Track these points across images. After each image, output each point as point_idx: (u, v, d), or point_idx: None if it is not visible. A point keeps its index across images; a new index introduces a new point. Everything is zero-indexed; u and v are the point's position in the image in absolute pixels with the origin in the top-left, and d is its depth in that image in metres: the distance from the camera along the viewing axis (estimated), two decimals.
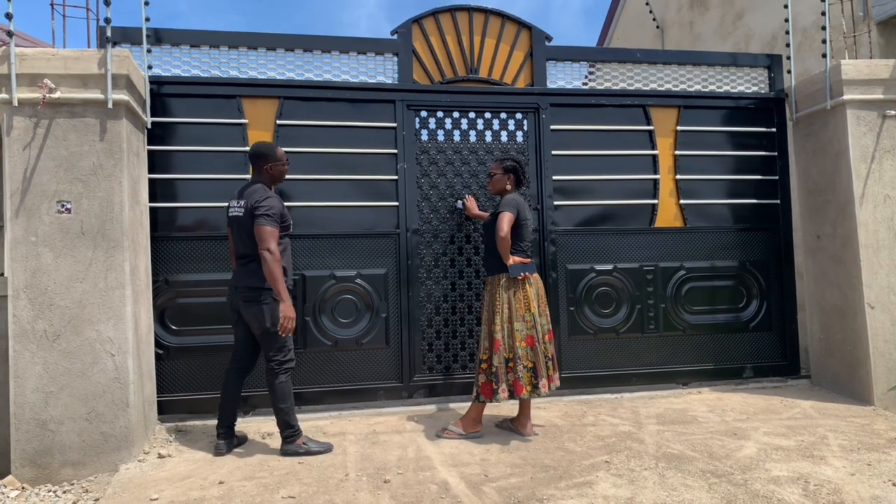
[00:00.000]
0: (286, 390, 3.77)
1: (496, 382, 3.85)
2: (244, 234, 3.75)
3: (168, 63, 4.57)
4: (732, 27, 7.89)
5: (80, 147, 3.69)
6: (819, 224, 5.07)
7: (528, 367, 3.89)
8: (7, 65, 3.59)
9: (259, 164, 3.89)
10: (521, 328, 3.89)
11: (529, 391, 3.87)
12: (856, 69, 4.72)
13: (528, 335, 3.89)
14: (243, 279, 3.76)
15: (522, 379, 3.84)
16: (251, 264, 3.74)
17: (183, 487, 3.30)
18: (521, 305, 3.91)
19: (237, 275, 3.83)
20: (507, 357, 3.87)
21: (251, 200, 3.72)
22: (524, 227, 4.01)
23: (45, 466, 3.55)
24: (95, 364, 3.64)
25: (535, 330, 3.89)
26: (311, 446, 3.79)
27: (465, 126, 5.03)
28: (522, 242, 4.02)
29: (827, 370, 5.04)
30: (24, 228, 3.61)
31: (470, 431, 3.99)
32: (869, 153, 4.69)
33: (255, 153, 3.91)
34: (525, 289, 3.92)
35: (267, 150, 3.91)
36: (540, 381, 3.88)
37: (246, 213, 3.72)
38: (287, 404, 3.77)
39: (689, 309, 5.25)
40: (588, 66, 5.32)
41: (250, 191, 3.80)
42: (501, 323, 3.88)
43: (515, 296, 3.91)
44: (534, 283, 4.00)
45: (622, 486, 3.21)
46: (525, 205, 4.07)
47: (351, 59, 4.87)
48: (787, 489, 3.15)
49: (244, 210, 3.74)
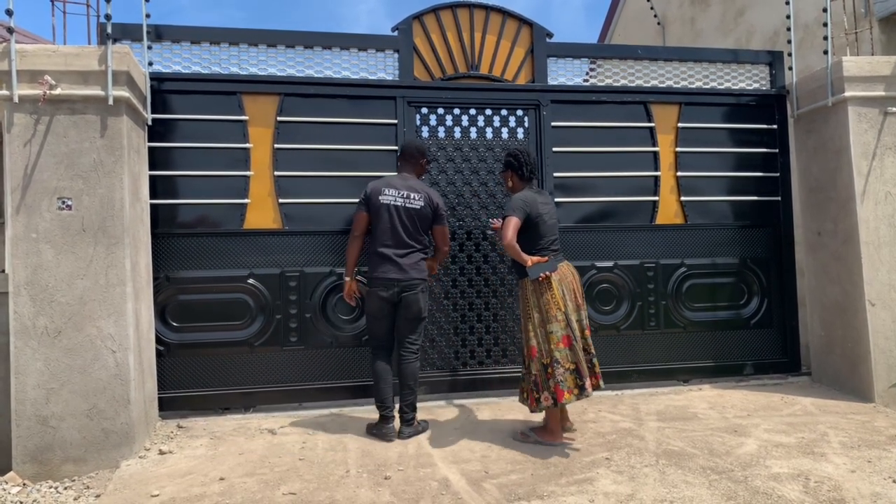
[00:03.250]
0: (418, 372, 4.10)
1: (536, 391, 3.70)
2: (421, 225, 4.01)
3: (168, 59, 4.57)
4: (734, 24, 7.88)
5: (80, 144, 3.69)
6: (820, 221, 5.06)
7: (570, 370, 3.65)
8: (8, 61, 3.58)
9: (417, 160, 4.15)
10: (556, 329, 3.67)
11: (576, 395, 3.64)
12: (857, 66, 4.70)
13: (563, 335, 3.67)
14: (412, 273, 3.95)
15: (564, 383, 3.62)
16: (415, 255, 3.99)
17: (184, 484, 3.30)
18: (551, 306, 3.70)
19: (402, 269, 3.93)
20: (546, 363, 3.69)
21: (434, 196, 4.06)
22: (540, 224, 3.78)
23: (47, 463, 3.56)
24: (96, 361, 3.64)
25: (570, 328, 3.70)
26: (423, 425, 4.08)
27: (465, 123, 5.02)
28: (542, 240, 3.80)
29: (827, 367, 5.04)
30: (24, 225, 3.61)
31: (547, 440, 3.79)
32: (870, 150, 4.68)
33: (417, 149, 4.17)
34: (552, 288, 3.71)
35: (425, 147, 4.25)
36: (586, 381, 3.63)
37: (427, 207, 4.01)
38: (417, 386, 4.07)
39: (690, 306, 5.25)
40: (589, 63, 5.31)
41: (422, 185, 4.09)
42: (534, 328, 3.73)
43: (543, 297, 3.71)
44: (561, 279, 3.75)
45: (623, 483, 3.22)
46: (536, 200, 3.81)
47: (352, 55, 4.86)
48: (787, 486, 3.15)
49: (424, 202, 4.00)
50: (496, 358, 4.98)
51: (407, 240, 3.96)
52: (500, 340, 4.99)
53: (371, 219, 4.01)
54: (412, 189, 4.01)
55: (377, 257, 3.98)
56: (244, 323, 4.59)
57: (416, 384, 4.07)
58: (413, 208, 3.97)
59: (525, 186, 3.93)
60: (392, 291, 3.93)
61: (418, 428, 4.03)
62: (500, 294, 5.00)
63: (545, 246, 3.81)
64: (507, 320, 5.00)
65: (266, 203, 4.66)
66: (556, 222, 3.94)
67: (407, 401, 4.02)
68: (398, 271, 3.93)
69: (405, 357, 4.03)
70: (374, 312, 4.01)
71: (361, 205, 4.03)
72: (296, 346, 4.66)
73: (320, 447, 3.82)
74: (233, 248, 4.59)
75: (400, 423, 4.01)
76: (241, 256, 4.60)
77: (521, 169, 3.93)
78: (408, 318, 4.01)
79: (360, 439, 3.95)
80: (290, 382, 4.63)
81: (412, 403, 4.03)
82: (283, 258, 4.66)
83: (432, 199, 4.05)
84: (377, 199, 3.97)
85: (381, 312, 3.99)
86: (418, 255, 4.01)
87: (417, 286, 3.97)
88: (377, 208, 3.97)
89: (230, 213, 4.61)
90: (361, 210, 4.02)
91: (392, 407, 3.99)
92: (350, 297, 4.14)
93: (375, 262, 3.99)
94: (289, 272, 4.66)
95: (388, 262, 3.94)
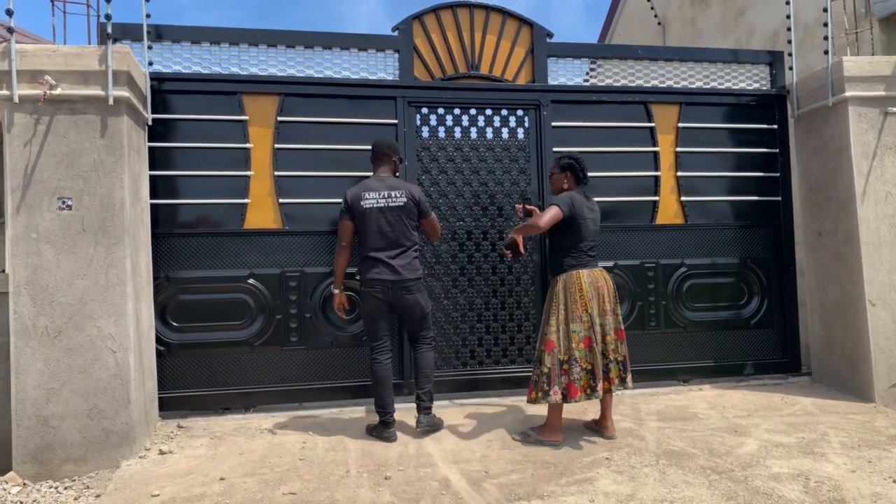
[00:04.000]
0: (434, 362, 4.15)
1: (548, 384, 3.72)
2: (408, 222, 3.98)
3: (169, 59, 4.57)
4: (734, 24, 7.88)
5: (80, 144, 3.69)
6: (820, 221, 5.06)
7: (586, 370, 3.71)
8: (8, 61, 3.58)
9: (389, 157, 4.12)
10: (579, 329, 3.71)
11: (588, 394, 3.70)
12: (857, 66, 4.70)
13: (585, 336, 3.72)
14: (407, 272, 3.95)
15: (578, 382, 3.68)
16: (407, 255, 3.97)
17: (184, 484, 3.30)
18: (577, 306, 3.74)
19: (395, 270, 3.92)
20: (562, 359, 3.72)
21: (414, 191, 4.05)
22: (582, 227, 3.80)
23: (47, 463, 3.56)
24: (97, 360, 3.64)
25: (593, 331, 3.73)
26: (439, 420, 4.11)
27: (465, 123, 5.02)
28: (582, 243, 3.82)
29: (828, 367, 5.04)
30: (25, 225, 3.61)
31: (548, 439, 3.82)
32: (870, 150, 4.68)
33: (388, 146, 4.15)
34: (582, 289, 3.74)
35: (395, 144, 4.27)
36: (598, 384, 3.69)
37: (409, 202, 3.98)
38: (433, 374, 4.11)
39: (690, 306, 5.25)
40: (589, 63, 5.31)
41: (400, 182, 4.10)
42: (557, 324, 3.75)
43: (572, 297, 3.75)
44: (592, 282, 3.78)
45: (623, 483, 3.22)
46: (583, 203, 3.85)
47: (352, 55, 4.86)
48: (787, 486, 3.15)
49: (406, 199, 3.97)
50: (496, 358, 4.98)
51: (396, 240, 3.94)
52: (499, 340, 4.99)
53: (356, 225, 3.99)
54: (391, 187, 3.98)
55: (370, 261, 3.96)
56: (244, 323, 4.59)
57: (433, 373, 4.10)
58: (396, 206, 3.95)
59: (577, 189, 3.99)
60: (388, 293, 3.93)
61: (434, 419, 4.04)
62: (500, 294, 4.99)
63: (584, 249, 3.85)
64: (507, 320, 5.00)
65: (266, 203, 4.66)
66: (597, 229, 3.95)
67: (424, 388, 4.03)
68: (391, 273, 3.92)
69: (420, 347, 4.08)
70: (371, 313, 4.00)
71: (344, 213, 3.99)
72: (296, 346, 4.66)
73: (320, 447, 3.82)
74: (233, 248, 4.59)
75: (418, 413, 4.03)
76: (241, 256, 4.60)
77: (581, 172, 4.00)
78: (413, 319, 4.05)
79: (360, 439, 3.95)
80: (291, 382, 4.63)
81: (429, 392, 4.05)
82: (284, 258, 4.66)
83: (413, 193, 4.02)
84: (359, 204, 3.94)
85: (377, 312, 3.98)
86: (410, 253, 3.99)
87: (412, 287, 3.97)
88: (360, 214, 3.94)
89: (230, 213, 4.61)
90: (345, 219, 3.99)
91: (393, 412, 3.98)
92: (340, 309, 4.13)
93: (368, 265, 3.96)
94: (289, 272, 4.66)
95: (381, 265, 3.92)
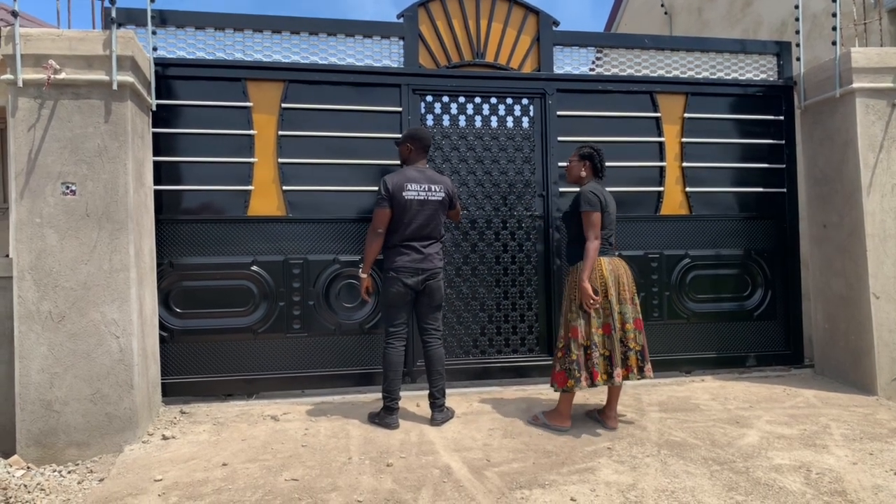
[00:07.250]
0: (444, 357, 4.16)
1: (578, 370, 3.75)
2: (442, 216, 4.08)
3: (173, 45, 4.55)
4: (741, 14, 7.81)
5: (84, 129, 3.68)
6: (825, 213, 5.04)
7: (604, 356, 3.78)
8: (12, 45, 3.57)
9: (427, 148, 4.15)
10: (599, 316, 3.79)
11: (605, 380, 3.77)
12: (866, 57, 4.66)
13: (604, 323, 3.79)
14: (436, 261, 4.05)
15: (598, 367, 3.76)
16: (436, 245, 4.08)
17: (187, 469, 3.32)
18: (598, 294, 3.78)
19: (428, 258, 3.99)
20: (585, 345, 3.78)
21: (449, 186, 4.12)
22: (604, 217, 3.86)
23: (50, 447, 3.58)
24: (100, 346, 3.65)
25: (612, 318, 3.78)
26: (451, 410, 4.15)
27: (470, 111, 5.00)
28: (603, 230, 3.86)
29: (830, 360, 5.04)
30: (28, 210, 3.61)
31: (556, 424, 3.89)
32: (877, 142, 4.65)
33: (425, 137, 4.14)
34: (604, 277, 3.79)
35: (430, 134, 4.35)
36: (615, 370, 3.76)
37: (447, 197, 4.08)
38: (444, 370, 4.13)
39: (694, 297, 5.24)
40: (595, 52, 5.27)
41: (438, 175, 4.13)
42: (577, 310, 3.80)
43: (593, 284, 3.77)
44: (613, 270, 3.84)
45: (624, 473, 3.22)
46: (605, 192, 3.91)
47: (356, 42, 4.83)
48: (788, 477, 3.15)
49: (444, 193, 4.06)
50: (499, 347, 4.99)
51: (430, 232, 4.02)
52: (502, 329, 4.99)
53: (394, 213, 3.97)
54: (432, 181, 4.03)
55: (402, 248, 3.97)
56: (248, 310, 4.60)
57: (444, 368, 4.13)
58: (436, 200, 4.01)
59: (594, 180, 4.01)
60: (417, 279, 3.95)
61: (448, 413, 4.09)
62: (503, 283, 4.99)
63: (605, 237, 3.88)
64: (510, 309, 5.00)
65: (270, 190, 4.65)
66: (615, 217, 3.99)
67: (437, 386, 4.06)
68: (424, 261, 3.97)
69: (431, 343, 4.09)
70: (394, 299, 3.98)
71: (384, 201, 3.93)
72: (299, 333, 4.67)
73: (323, 434, 3.84)
74: (236, 235, 4.59)
75: (432, 410, 4.06)
76: (244, 243, 4.60)
77: (597, 164, 4.01)
78: (431, 306, 4.08)
79: (362, 426, 3.96)
80: (293, 369, 4.65)
81: (442, 388, 4.08)
82: (287, 245, 4.66)
83: (448, 188, 4.11)
84: (401, 195, 3.92)
85: (402, 300, 3.99)
86: (438, 244, 4.09)
87: (440, 274, 4.07)
88: (402, 204, 3.93)
89: (234, 199, 4.60)
90: (384, 207, 3.93)
91: (399, 399, 4.01)
92: (366, 293, 4.16)
93: (399, 253, 3.97)
94: (292, 259, 4.66)
95: (415, 252, 3.97)
